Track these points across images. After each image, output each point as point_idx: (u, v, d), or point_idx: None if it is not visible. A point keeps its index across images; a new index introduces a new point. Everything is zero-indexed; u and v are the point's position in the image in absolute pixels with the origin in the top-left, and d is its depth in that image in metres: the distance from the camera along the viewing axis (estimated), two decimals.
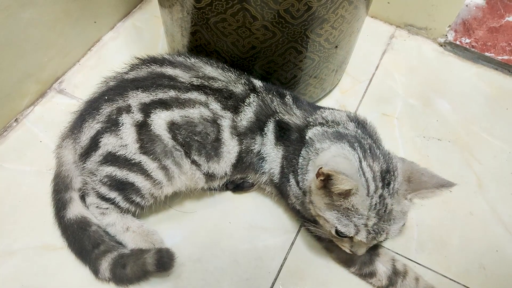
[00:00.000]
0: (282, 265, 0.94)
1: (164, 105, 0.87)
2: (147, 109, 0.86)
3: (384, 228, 0.77)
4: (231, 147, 0.90)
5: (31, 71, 1.11)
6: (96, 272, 0.87)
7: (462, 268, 0.96)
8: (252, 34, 0.90)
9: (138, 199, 0.89)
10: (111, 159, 0.86)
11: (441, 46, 1.37)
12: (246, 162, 0.93)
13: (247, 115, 0.90)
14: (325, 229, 0.84)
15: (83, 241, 0.88)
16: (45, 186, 0.96)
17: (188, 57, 0.94)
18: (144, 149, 0.85)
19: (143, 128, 0.85)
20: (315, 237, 0.95)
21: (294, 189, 0.90)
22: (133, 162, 0.85)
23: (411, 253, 0.97)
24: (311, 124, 0.91)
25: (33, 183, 1.01)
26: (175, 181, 0.89)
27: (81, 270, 0.89)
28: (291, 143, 0.90)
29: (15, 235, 0.94)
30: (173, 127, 0.86)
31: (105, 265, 0.86)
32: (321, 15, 0.87)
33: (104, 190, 0.88)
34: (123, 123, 0.85)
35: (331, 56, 1.03)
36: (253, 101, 0.91)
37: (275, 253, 0.95)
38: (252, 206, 1.01)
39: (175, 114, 0.86)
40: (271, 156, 0.92)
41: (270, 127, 0.91)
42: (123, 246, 0.90)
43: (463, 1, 1.29)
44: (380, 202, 0.76)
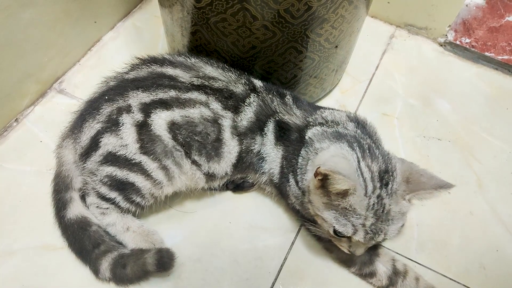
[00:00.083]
0: (282, 265, 0.94)
1: (164, 105, 0.87)
2: (147, 109, 0.86)
3: (382, 228, 0.77)
4: (231, 147, 0.90)
5: (31, 71, 1.11)
6: (96, 272, 0.87)
7: (462, 268, 0.96)
8: (252, 34, 0.90)
9: (138, 199, 0.89)
10: (111, 159, 0.86)
11: (441, 46, 1.37)
12: (246, 162, 0.93)
13: (248, 115, 0.90)
14: (324, 228, 0.84)
15: (83, 241, 0.88)
16: (45, 186, 0.96)
17: (188, 57, 0.94)
18: (144, 149, 0.85)
19: (143, 128, 0.85)
20: (315, 237, 0.95)
21: (293, 189, 0.90)
22: (133, 162, 0.85)
23: (411, 253, 0.97)
24: (311, 124, 0.90)
25: (33, 183, 1.01)
26: (175, 181, 0.89)
27: (81, 270, 0.89)
28: (291, 143, 0.90)
29: (15, 235, 0.94)
30: (173, 127, 0.86)
31: (106, 265, 0.86)
32: (321, 15, 0.88)
33: (104, 190, 0.88)
34: (123, 123, 0.85)
35: (331, 56, 1.03)
36: (254, 101, 0.91)
37: (275, 253, 0.95)
38: (252, 206, 1.01)
39: (176, 114, 0.86)
40: (271, 156, 0.92)
41: (270, 127, 0.91)
42: (123, 246, 0.90)
43: (463, 1, 1.29)
44: (378, 202, 0.76)
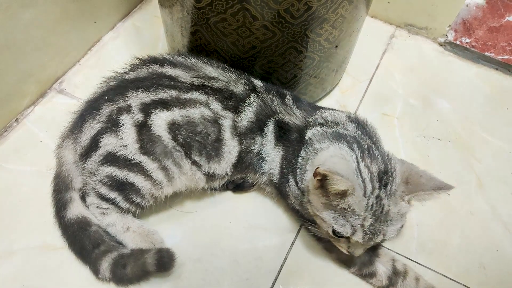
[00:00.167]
0: (282, 265, 0.94)
1: (164, 105, 0.86)
2: (147, 109, 0.86)
3: (380, 229, 0.77)
4: (232, 147, 0.90)
5: (31, 71, 1.11)
6: (96, 272, 0.87)
7: (462, 268, 0.96)
8: (252, 34, 0.90)
9: (138, 199, 0.89)
10: (111, 159, 0.86)
11: (441, 46, 1.37)
12: (246, 162, 0.93)
13: (248, 115, 0.90)
14: (323, 229, 0.84)
15: (83, 241, 0.88)
16: (45, 186, 0.96)
17: (188, 57, 0.94)
18: (144, 149, 0.85)
19: (143, 128, 0.85)
20: (315, 237, 0.95)
21: (293, 189, 0.90)
22: (133, 162, 0.85)
23: (411, 253, 0.97)
24: (311, 124, 0.90)
25: (33, 183, 1.01)
26: (175, 181, 0.89)
27: (81, 270, 0.89)
28: (291, 143, 0.90)
29: (15, 235, 0.94)
30: (173, 127, 0.86)
31: (106, 265, 0.86)
32: (321, 15, 0.87)
33: (104, 190, 0.88)
34: (123, 123, 0.85)
35: (331, 56, 1.03)
36: (254, 101, 0.91)
37: (275, 253, 0.95)
38: (252, 206, 1.01)
39: (176, 114, 0.86)
40: (271, 156, 0.92)
41: (270, 127, 0.91)
42: (124, 246, 0.90)
43: (463, 1, 1.29)
44: (377, 203, 0.76)
